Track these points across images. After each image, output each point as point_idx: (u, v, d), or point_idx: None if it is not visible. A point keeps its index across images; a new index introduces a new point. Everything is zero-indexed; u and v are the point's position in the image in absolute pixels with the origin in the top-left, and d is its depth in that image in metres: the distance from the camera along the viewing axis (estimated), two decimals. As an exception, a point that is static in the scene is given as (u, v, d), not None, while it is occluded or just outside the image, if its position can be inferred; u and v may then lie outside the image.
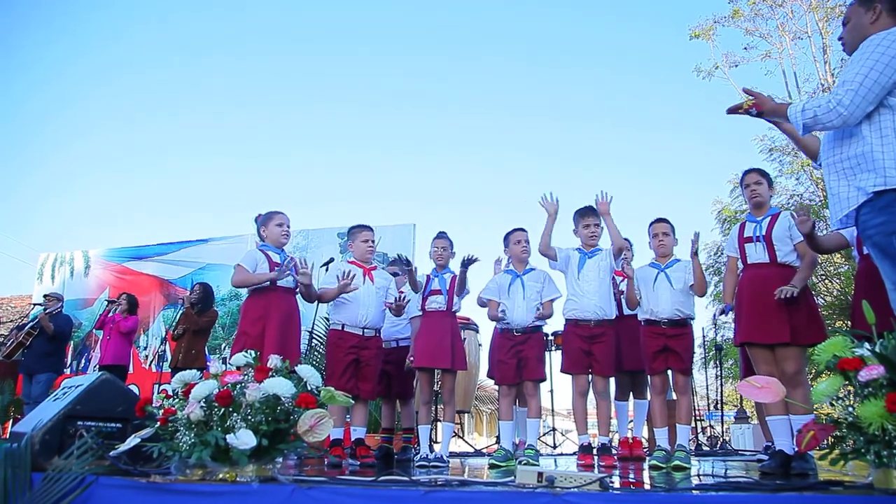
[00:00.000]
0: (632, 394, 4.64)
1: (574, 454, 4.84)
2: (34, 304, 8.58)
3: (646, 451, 4.59)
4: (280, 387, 2.36)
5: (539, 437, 4.39)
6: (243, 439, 2.20)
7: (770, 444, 3.58)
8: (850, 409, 1.92)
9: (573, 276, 4.14)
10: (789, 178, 13.28)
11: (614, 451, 4.41)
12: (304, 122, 44.09)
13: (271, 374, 2.44)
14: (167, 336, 8.88)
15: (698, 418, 8.28)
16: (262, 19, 36.58)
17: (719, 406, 7.74)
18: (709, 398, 9.43)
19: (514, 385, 4.16)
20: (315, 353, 6.70)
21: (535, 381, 4.11)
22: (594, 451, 4.05)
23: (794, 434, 2.82)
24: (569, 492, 1.92)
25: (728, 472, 3.42)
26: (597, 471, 3.24)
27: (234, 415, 2.31)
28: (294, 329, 4.04)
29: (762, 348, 3.25)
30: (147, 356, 9.55)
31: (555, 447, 6.86)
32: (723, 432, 7.38)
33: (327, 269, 4.74)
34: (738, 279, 3.57)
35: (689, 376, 4.01)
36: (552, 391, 6.94)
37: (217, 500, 2.15)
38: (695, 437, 7.16)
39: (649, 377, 4.04)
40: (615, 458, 4.12)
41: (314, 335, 6.68)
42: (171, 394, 2.58)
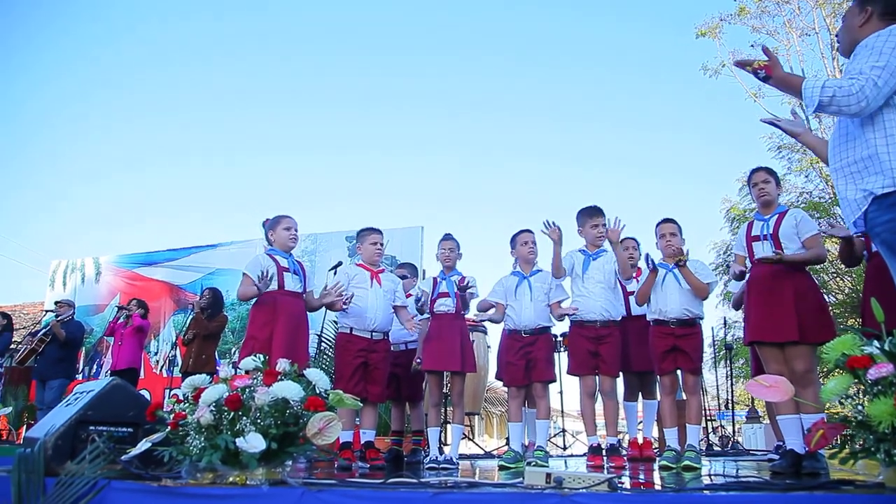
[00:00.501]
0: (641, 394, 4.63)
1: (584, 455, 4.82)
2: (46, 311, 8.65)
3: (656, 451, 4.57)
4: (289, 390, 2.37)
5: (549, 439, 4.38)
6: (253, 443, 2.22)
7: (781, 444, 3.56)
8: (859, 407, 1.91)
9: (578, 277, 4.14)
10: (798, 175, 13.19)
11: (624, 452, 4.39)
12: (312, 125, 44.35)
13: (280, 377, 2.46)
14: (178, 341, 8.95)
15: (709, 418, 8.24)
16: (270, 21, 36.85)
17: (730, 406, 7.69)
18: (719, 398, 9.37)
19: (522, 387, 4.15)
20: (324, 356, 6.72)
21: (543, 383, 4.10)
22: (604, 452, 4.04)
23: (805, 433, 2.80)
24: (577, 493, 1.92)
25: (739, 472, 3.40)
26: (606, 472, 3.23)
27: (244, 418, 2.32)
28: (302, 333, 4.06)
29: (771, 347, 3.24)
30: (158, 361, 9.60)
31: (565, 448, 6.85)
32: (734, 432, 7.33)
33: (335, 273, 4.77)
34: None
35: (699, 376, 3.99)
36: (561, 392, 6.93)
37: (227, 504, 2.17)
38: (706, 438, 7.13)
39: (658, 377, 4.03)
40: (625, 458, 4.10)
41: (323, 338, 6.70)
42: (182, 398, 2.60)
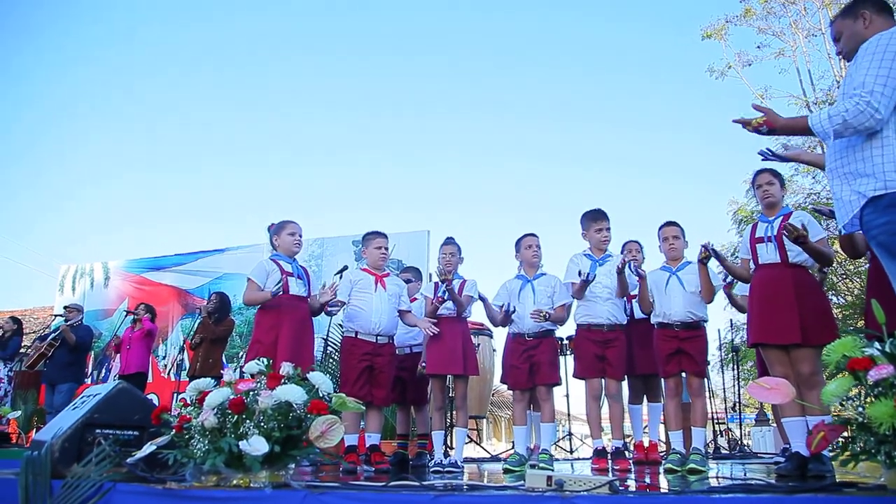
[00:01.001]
0: (646, 397, 4.62)
1: (590, 459, 4.81)
2: (55, 315, 8.73)
3: (662, 454, 4.56)
4: (292, 394, 2.39)
5: (555, 442, 4.38)
6: (256, 445, 2.24)
7: (788, 447, 3.54)
8: (860, 409, 1.91)
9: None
10: (805, 176, 13.11)
11: (629, 455, 4.38)
12: (321, 129, 44.48)
13: (283, 381, 2.48)
14: (185, 345, 9.01)
15: (719, 421, 8.19)
16: (279, 24, 36.97)
17: (737, 408, 7.65)
18: (726, 400, 9.32)
19: (526, 390, 4.16)
20: (331, 360, 6.75)
21: (547, 386, 4.10)
22: (609, 455, 4.03)
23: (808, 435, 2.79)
24: (578, 495, 1.92)
25: (744, 475, 3.39)
26: (611, 475, 3.22)
27: (248, 422, 2.34)
28: (307, 337, 4.09)
29: (776, 349, 3.22)
30: (166, 365, 9.66)
31: (571, 452, 6.83)
32: (741, 435, 7.29)
33: (341, 277, 4.79)
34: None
35: (704, 378, 3.98)
36: (568, 396, 6.90)
37: (231, 506, 2.18)
38: (713, 440, 7.09)
39: (663, 380, 4.03)
40: (630, 461, 4.10)
41: (329, 342, 6.73)
42: (189, 402, 2.62)
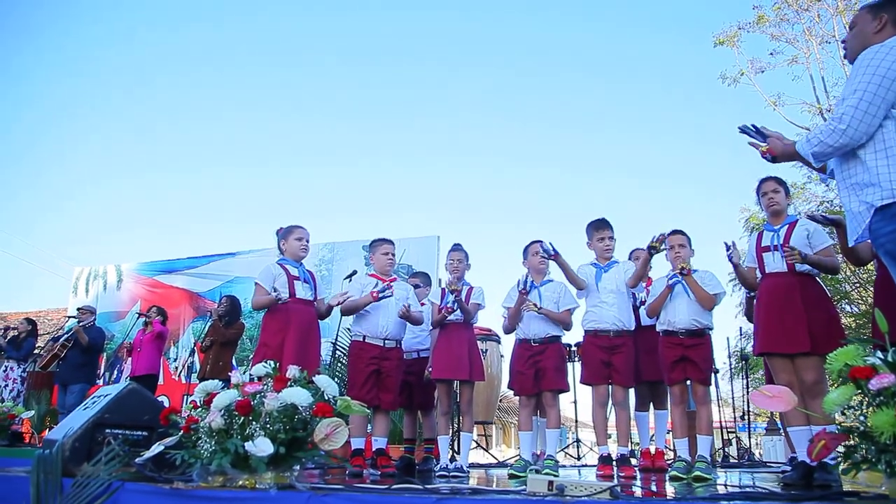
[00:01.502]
0: (652, 405, 4.61)
1: (596, 465, 4.81)
2: (69, 317, 8.84)
3: (668, 462, 4.54)
4: (297, 396, 2.42)
5: (563, 449, 4.37)
6: (261, 447, 2.27)
7: (794, 456, 3.52)
8: (861, 418, 1.91)
9: (592, 289, 4.15)
10: (818, 184, 13.01)
11: (635, 462, 4.37)
12: (332, 135, 44.76)
13: (289, 384, 2.51)
14: (196, 348, 9.08)
15: (730, 430, 8.14)
16: (291, 28, 37.30)
17: (746, 417, 7.60)
18: (735, 410, 9.26)
19: (532, 396, 4.16)
20: (339, 363, 6.79)
21: (553, 392, 4.10)
22: (614, 462, 4.03)
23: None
24: (578, 500, 1.94)
25: (749, 483, 3.37)
26: (616, 481, 3.22)
27: (254, 423, 2.37)
28: (313, 340, 4.12)
29: (781, 357, 3.22)
30: (177, 367, 9.74)
31: (578, 458, 6.81)
32: (750, 444, 7.24)
33: (350, 282, 4.83)
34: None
35: (709, 386, 3.97)
36: (575, 402, 6.89)
37: (236, 506, 2.22)
38: (722, 449, 7.05)
39: (668, 388, 4.02)
40: (635, 468, 4.09)
41: (338, 346, 6.76)
42: (198, 404, 2.66)
